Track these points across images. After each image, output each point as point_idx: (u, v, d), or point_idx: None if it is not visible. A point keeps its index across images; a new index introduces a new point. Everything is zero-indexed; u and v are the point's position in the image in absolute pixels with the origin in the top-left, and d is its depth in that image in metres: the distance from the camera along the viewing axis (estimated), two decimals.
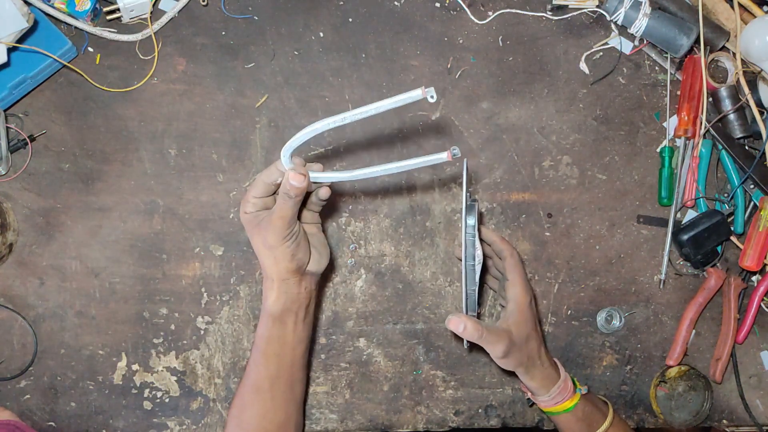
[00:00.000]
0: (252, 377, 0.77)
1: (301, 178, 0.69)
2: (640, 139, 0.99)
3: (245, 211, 0.73)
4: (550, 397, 0.82)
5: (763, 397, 0.98)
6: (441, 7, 0.96)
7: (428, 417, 0.94)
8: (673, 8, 0.97)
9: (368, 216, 0.94)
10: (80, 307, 0.89)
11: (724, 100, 0.98)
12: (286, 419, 0.80)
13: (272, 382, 0.77)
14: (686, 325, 0.96)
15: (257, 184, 0.73)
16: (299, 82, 0.94)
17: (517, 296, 0.80)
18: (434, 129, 0.95)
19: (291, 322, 0.76)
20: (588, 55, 0.98)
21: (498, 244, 0.84)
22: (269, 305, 0.75)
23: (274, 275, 0.74)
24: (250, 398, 0.78)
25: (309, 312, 0.78)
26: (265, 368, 0.77)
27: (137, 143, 0.91)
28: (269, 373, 0.77)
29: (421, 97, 0.58)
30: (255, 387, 0.77)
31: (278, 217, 0.71)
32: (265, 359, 0.77)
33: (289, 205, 0.70)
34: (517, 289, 0.80)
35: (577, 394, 0.83)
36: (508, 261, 0.81)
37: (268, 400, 0.78)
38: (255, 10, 0.94)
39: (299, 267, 0.74)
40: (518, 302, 0.80)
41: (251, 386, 0.77)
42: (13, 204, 0.89)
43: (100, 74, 0.91)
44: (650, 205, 0.98)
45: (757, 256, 0.94)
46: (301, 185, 0.69)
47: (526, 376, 0.81)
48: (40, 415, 0.88)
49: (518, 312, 0.80)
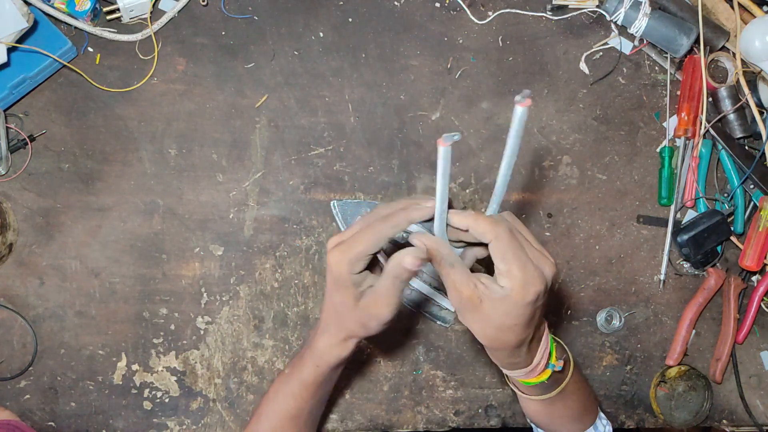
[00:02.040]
0: (289, 408, 0.76)
1: (419, 262, 0.60)
2: (640, 139, 0.99)
3: (353, 272, 0.63)
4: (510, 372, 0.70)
5: (763, 397, 0.98)
6: (441, 7, 0.96)
7: (428, 417, 0.94)
8: (673, 8, 0.97)
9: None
10: (80, 307, 0.89)
11: (724, 100, 0.98)
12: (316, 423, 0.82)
13: (312, 409, 0.78)
14: (686, 325, 0.96)
15: (376, 235, 0.62)
16: (299, 82, 0.94)
17: (513, 288, 0.58)
18: (434, 129, 0.95)
19: (342, 367, 0.76)
20: (588, 55, 0.98)
21: (475, 228, 0.59)
22: (337, 360, 0.71)
23: (347, 333, 0.69)
24: (287, 427, 0.77)
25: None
26: (308, 401, 0.76)
27: (137, 143, 0.91)
28: (314, 402, 0.77)
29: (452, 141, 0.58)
30: (293, 417, 0.76)
31: (389, 304, 0.63)
32: (312, 394, 0.75)
33: (400, 290, 0.63)
34: (511, 280, 0.58)
35: (546, 371, 0.69)
36: (493, 246, 0.59)
37: (307, 422, 0.78)
38: (255, 10, 0.94)
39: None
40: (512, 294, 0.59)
41: (288, 416, 0.76)
42: (13, 204, 0.89)
43: (100, 74, 0.91)
44: (650, 205, 0.98)
45: (757, 256, 0.94)
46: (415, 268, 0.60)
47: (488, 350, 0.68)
48: (40, 415, 0.88)
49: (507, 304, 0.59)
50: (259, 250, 0.92)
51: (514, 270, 0.58)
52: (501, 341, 0.62)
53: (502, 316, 0.60)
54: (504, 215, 0.63)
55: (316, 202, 0.93)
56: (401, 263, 0.60)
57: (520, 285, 0.58)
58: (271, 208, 0.93)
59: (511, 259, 0.58)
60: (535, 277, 0.58)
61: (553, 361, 0.69)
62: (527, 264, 0.58)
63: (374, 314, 0.65)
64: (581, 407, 0.80)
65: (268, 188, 0.93)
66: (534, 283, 0.58)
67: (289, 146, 0.93)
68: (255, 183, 0.93)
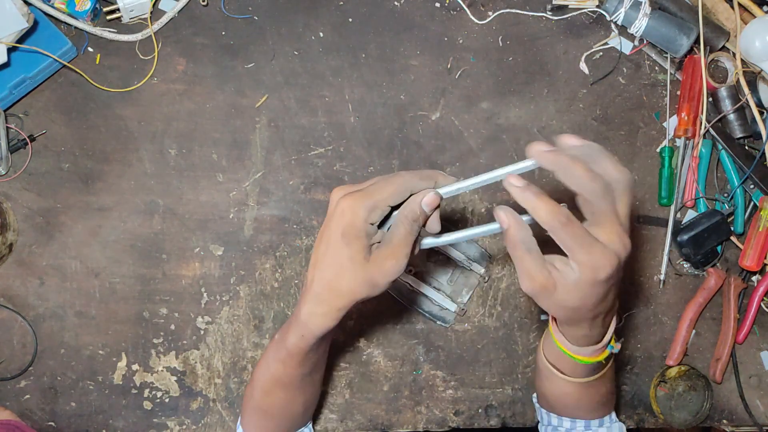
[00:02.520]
0: (279, 374, 0.72)
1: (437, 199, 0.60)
2: (640, 139, 0.99)
3: (369, 221, 0.60)
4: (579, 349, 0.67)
5: (763, 397, 0.98)
6: (441, 7, 0.96)
7: (428, 417, 0.94)
8: (673, 8, 0.97)
9: None
10: (80, 307, 0.89)
11: (724, 100, 0.98)
12: (311, 397, 0.78)
13: (303, 378, 0.74)
14: (686, 325, 0.96)
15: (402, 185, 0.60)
16: (299, 82, 0.94)
17: (582, 272, 0.55)
18: (434, 129, 0.95)
19: (330, 337, 0.71)
20: (588, 55, 0.98)
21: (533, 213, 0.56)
22: (321, 330, 0.65)
23: (346, 299, 0.63)
24: (277, 391, 0.74)
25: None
26: (296, 369, 0.72)
27: (137, 143, 0.91)
28: (302, 372, 0.72)
29: (536, 166, 0.56)
30: (284, 383, 0.73)
31: (405, 254, 0.60)
32: (299, 364, 0.71)
33: (413, 237, 0.61)
34: (579, 265, 0.55)
35: (606, 351, 0.67)
36: (552, 234, 0.55)
37: (296, 390, 0.74)
38: (255, 10, 0.94)
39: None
40: (583, 278, 0.56)
41: (277, 382, 0.73)
42: (13, 204, 0.89)
43: (100, 74, 0.91)
44: (650, 205, 0.98)
45: (757, 256, 0.94)
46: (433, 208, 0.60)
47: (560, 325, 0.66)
48: (40, 415, 0.88)
49: (580, 288, 0.56)
50: (259, 250, 0.92)
51: (580, 256, 0.55)
52: (576, 319, 0.61)
53: (577, 300, 0.58)
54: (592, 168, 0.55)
55: (316, 202, 0.93)
56: (420, 203, 0.58)
57: (589, 269, 0.55)
58: (271, 208, 0.93)
59: (572, 246, 0.55)
60: (604, 258, 0.55)
61: (612, 343, 0.67)
62: (593, 246, 0.55)
63: (387, 268, 0.60)
64: (609, 394, 0.78)
65: (268, 188, 0.93)
66: (604, 264, 0.55)
67: (289, 146, 0.93)
68: (255, 183, 0.93)
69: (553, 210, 0.54)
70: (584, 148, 0.57)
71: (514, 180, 0.56)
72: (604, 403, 0.78)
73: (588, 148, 0.57)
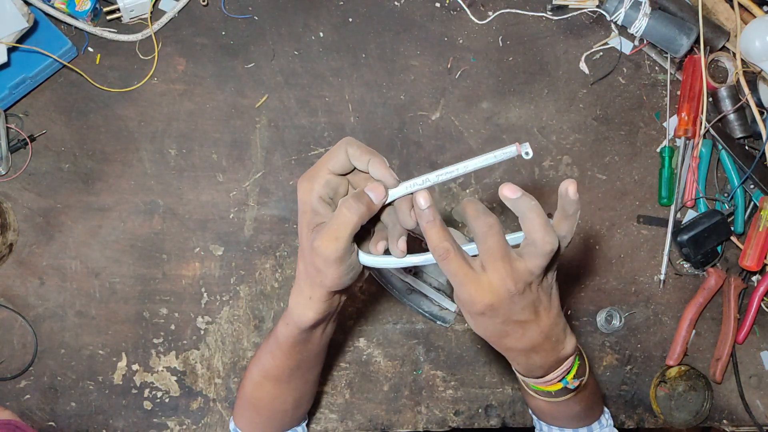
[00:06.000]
0: (268, 366, 0.72)
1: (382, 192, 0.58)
2: (640, 139, 0.99)
3: (315, 193, 0.59)
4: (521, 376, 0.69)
5: (763, 397, 0.98)
6: (441, 7, 0.96)
7: (428, 417, 0.94)
8: (673, 8, 0.97)
9: None
10: (80, 307, 0.89)
11: (724, 100, 0.98)
12: (301, 396, 0.78)
13: (291, 372, 0.73)
14: (686, 325, 0.96)
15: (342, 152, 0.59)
16: (299, 82, 0.94)
17: (461, 305, 0.59)
18: (434, 129, 0.95)
19: (320, 329, 0.70)
20: (588, 55, 0.98)
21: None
22: (301, 320, 0.65)
23: (312, 292, 0.63)
24: (266, 384, 0.74)
25: (337, 315, 0.72)
26: (283, 362, 0.72)
27: (137, 143, 0.91)
28: (289, 365, 0.72)
29: (516, 153, 0.56)
30: (272, 376, 0.73)
31: (338, 238, 0.57)
32: (286, 355, 0.71)
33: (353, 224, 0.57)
34: (456, 299, 0.58)
35: (558, 384, 0.67)
36: (440, 266, 0.57)
37: (284, 385, 0.74)
38: (255, 10, 0.94)
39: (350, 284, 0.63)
40: (464, 312, 0.59)
41: (267, 375, 0.73)
42: (13, 204, 0.89)
43: (100, 74, 0.91)
44: (650, 205, 0.98)
45: (757, 256, 0.94)
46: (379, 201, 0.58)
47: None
48: (40, 415, 0.88)
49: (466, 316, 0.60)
50: (260, 250, 0.92)
51: (455, 288, 0.57)
52: (500, 348, 0.62)
53: (477, 329, 0.60)
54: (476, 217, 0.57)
55: None
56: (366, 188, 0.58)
57: (462, 302, 0.58)
58: (271, 208, 0.93)
59: (450, 278, 0.57)
60: (478, 293, 0.56)
61: (568, 379, 0.66)
62: (465, 282, 0.56)
63: (322, 249, 0.57)
64: (586, 410, 0.79)
65: (268, 188, 0.93)
66: (475, 300, 0.56)
67: (289, 146, 0.93)
68: (255, 183, 0.93)
69: (435, 246, 0.56)
70: (517, 202, 0.56)
71: (422, 200, 0.57)
72: (582, 417, 0.78)
73: (521, 203, 0.56)
